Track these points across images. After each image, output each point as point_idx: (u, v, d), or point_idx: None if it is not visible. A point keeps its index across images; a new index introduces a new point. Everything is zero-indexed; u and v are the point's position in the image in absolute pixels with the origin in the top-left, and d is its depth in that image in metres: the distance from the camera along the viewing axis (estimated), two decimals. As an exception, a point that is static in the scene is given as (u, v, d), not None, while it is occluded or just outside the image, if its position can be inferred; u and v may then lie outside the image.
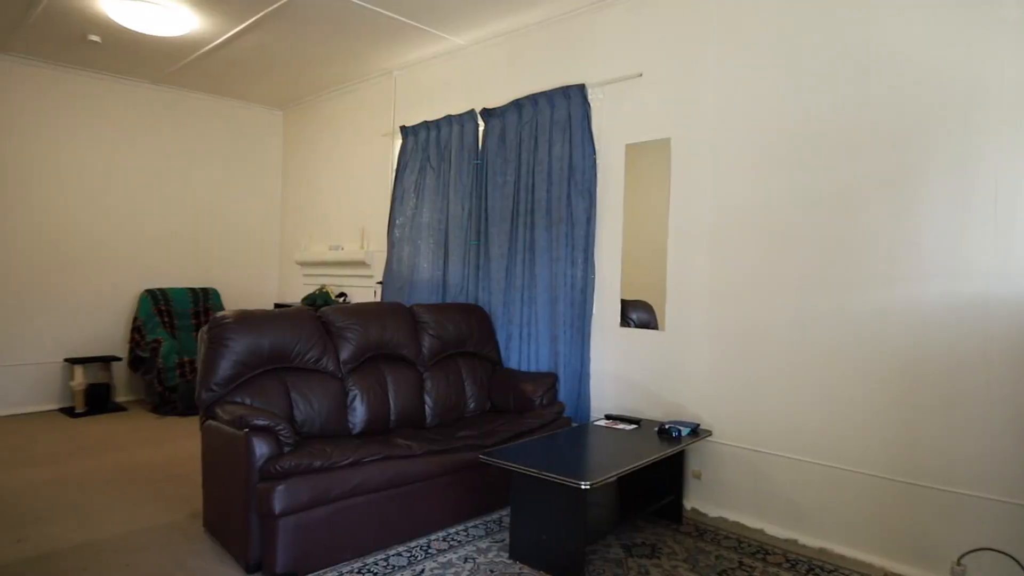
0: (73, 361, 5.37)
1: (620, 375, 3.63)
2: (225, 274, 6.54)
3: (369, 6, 4.01)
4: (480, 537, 2.97)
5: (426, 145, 4.66)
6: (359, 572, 2.60)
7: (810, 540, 2.92)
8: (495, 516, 3.23)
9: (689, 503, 3.33)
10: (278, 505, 2.47)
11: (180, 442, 4.52)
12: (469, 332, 3.94)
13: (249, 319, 3.08)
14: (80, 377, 5.34)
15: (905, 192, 2.67)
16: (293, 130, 6.67)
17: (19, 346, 5.31)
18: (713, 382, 3.25)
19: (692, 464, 3.33)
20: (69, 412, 5.34)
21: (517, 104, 4.02)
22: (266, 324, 3.12)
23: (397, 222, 4.83)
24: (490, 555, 2.78)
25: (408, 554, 2.78)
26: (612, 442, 3.01)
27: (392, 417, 3.44)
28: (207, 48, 4.91)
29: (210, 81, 5.85)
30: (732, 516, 3.18)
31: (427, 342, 3.74)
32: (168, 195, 6.12)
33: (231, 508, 2.68)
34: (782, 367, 3.02)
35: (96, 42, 4.86)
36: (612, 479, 2.62)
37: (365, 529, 2.75)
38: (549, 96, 3.83)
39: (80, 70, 5.53)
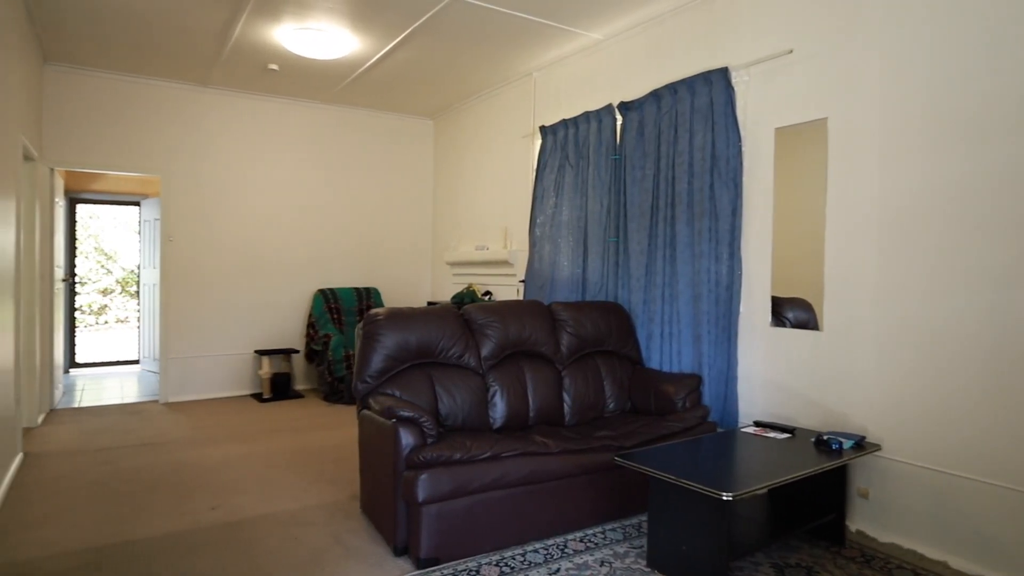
0: (261, 353, 6.12)
1: (772, 379, 3.35)
2: (385, 274, 7.07)
3: (508, 11, 4.09)
4: (618, 541, 2.91)
5: (564, 143, 4.66)
6: (497, 565, 2.67)
7: (1009, 579, 2.48)
8: (634, 520, 3.14)
9: (854, 524, 2.99)
10: (421, 493, 2.61)
11: (345, 428, 4.97)
12: (608, 330, 3.87)
13: (398, 316, 3.28)
14: (266, 367, 6.08)
15: None
16: (442, 137, 7.03)
17: (220, 339, 6.17)
18: (883, 390, 2.88)
19: (857, 481, 2.98)
20: (258, 397, 6.10)
21: (655, 95, 3.87)
22: (413, 321, 3.31)
23: (538, 221, 4.89)
24: (627, 560, 2.71)
25: (545, 551, 2.80)
26: (761, 451, 2.79)
27: (531, 414, 3.49)
28: (365, 67, 5.33)
29: (369, 97, 6.34)
30: (907, 543, 2.80)
31: (565, 340, 3.74)
32: (336, 203, 6.75)
33: (382, 493, 2.89)
34: (973, 375, 2.59)
35: (275, 70, 5.48)
36: (760, 491, 2.43)
37: (504, 523, 2.81)
38: (689, 83, 3.64)
39: (262, 96, 6.28)
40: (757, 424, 3.21)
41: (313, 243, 6.63)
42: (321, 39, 4.58)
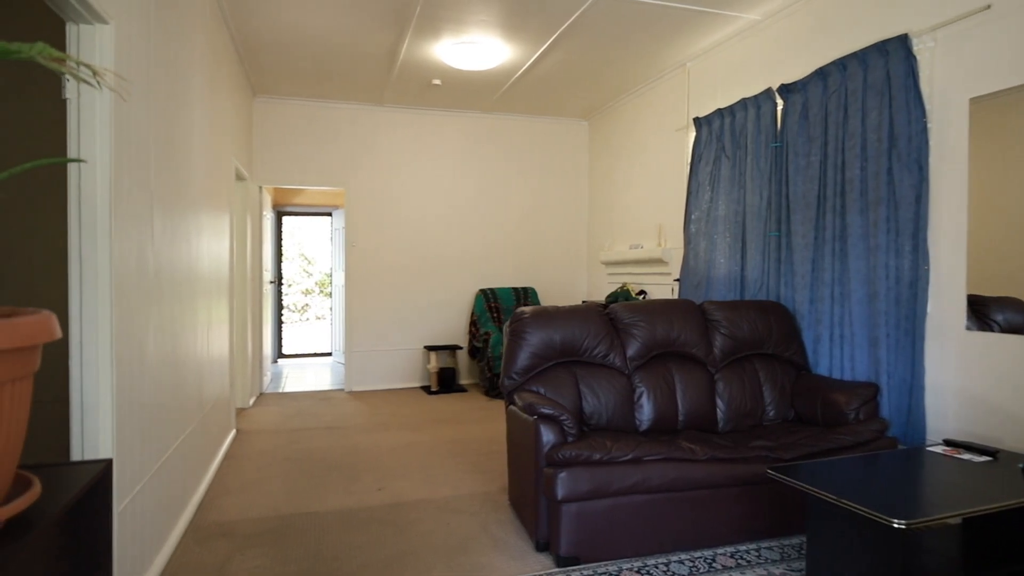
0: (429, 348, 6.58)
1: (968, 391, 2.87)
2: (542, 274, 7.23)
3: (658, 1, 3.97)
4: (774, 561, 2.69)
5: (720, 134, 4.40)
6: (638, 572, 2.60)
7: None
8: (795, 540, 2.88)
9: (1082, 572, 2.45)
10: (560, 491, 2.63)
11: (501, 423, 5.16)
12: (767, 332, 3.59)
13: (543, 315, 3.34)
14: (434, 361, 6.52)
15: None
16: (596, 137, 7.00)
17: (395, 334, 6.75)
18: (1124, 410, 2.33)
19: (1087, 519, 2.44)
20: (426, 390, 6.57)
21: (821, 73, 3.50)
22: (557, 319, 3.35)
23: (692, 217, 4.68)
24: (782, 583, 2.50)
25: (690, 563, 2.68)
26: (951, 475, 2.40)
27: (680, 418, 3.35)
28: (519, 73, 5.49)
29: (525, 103, 6.53)
30: None
31: (719, 341, 3.54)
32: (495, 206, 7.04)
33: (526, 487, 2.96)
34: None
35: (438, 85, 5.87)
36: (946, 521, 2.10)
37: (645, 529, 2.74)
38: (860, 57, 3.24)
39: (428, 109, 6.75)
40: (948, 443, 2.76)
41: (475, 245, 6.99)
42: (477, 51, 4.81)
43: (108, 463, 0.98)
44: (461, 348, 6.78)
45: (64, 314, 1.98)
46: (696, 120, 4.69)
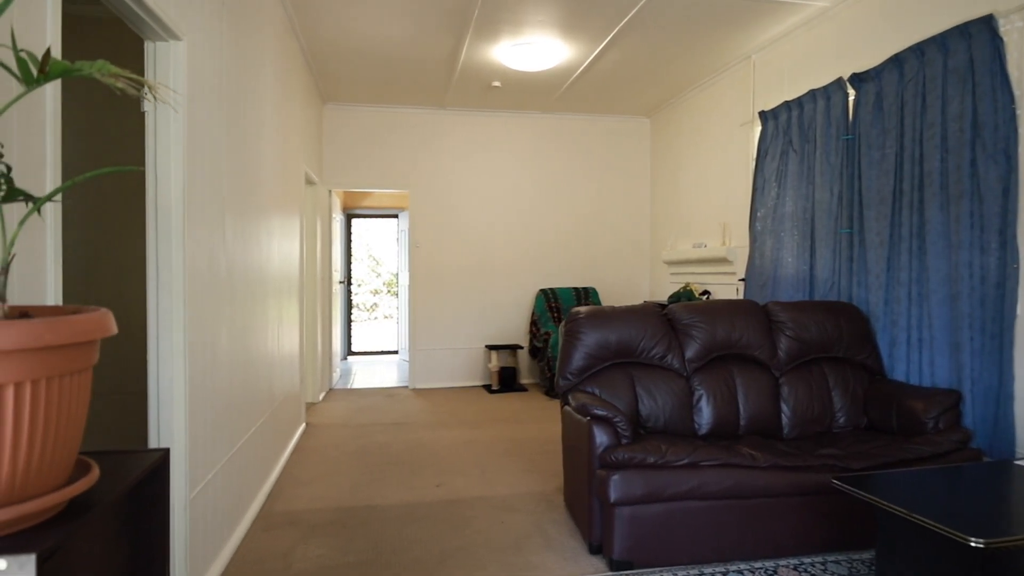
0: (491, 347, 6.64)
1: (1065, 401, 2.63)
2: (603, 274, 7.16)
3: (717, -8, 3.86)
4: None
5: (787, 127, 4.22)
6: (694, 579, 2.55)
7: None
8: (866, 555, 2.73)
9: None
10: (613, 493, 2.60)
11: (560, 423, 5.14)
12: (837, 334, 3.41)
13: (598, 315, 3.31)
14: (495, 361, 6.58)
15: None
16: (659, 135, 6.86)
17: (457, 334, 6.85)
18: None
19: None
20: (487, 388, 6.64)
21: (896, 60, 3.29)
22: (614, 320, 3.31)
23: (758, 214, 4.51)
24: (848, 598, 2.38)
25: (750, 573, 2.59)
26: (1042, 491, 2.22)
27: (742, 422, 3.24)
28: (578, 72, 5.46)
29: (585, 102, 6.48)
30: None
31: (783, 344, 3.40)
32: (555, 206, 7.03)
33: (579, 489, 2.95)
34: None
35: (497, 87, 5.92)
36: (1033, 541, 1.93)
37: (702, 536, 2.67)
38: (939, 41, 3.03)
39: (489, 111, 6.81)
40: (1039, 457, 2.55)
41: (536, 245, 7.00)
42: (535, 52, 4.82)
43: (165, 452, 1.05)
44: (522, 348, 6.81)
45: (144, 313, 2.13)
46: (762, 114, 4.52)
